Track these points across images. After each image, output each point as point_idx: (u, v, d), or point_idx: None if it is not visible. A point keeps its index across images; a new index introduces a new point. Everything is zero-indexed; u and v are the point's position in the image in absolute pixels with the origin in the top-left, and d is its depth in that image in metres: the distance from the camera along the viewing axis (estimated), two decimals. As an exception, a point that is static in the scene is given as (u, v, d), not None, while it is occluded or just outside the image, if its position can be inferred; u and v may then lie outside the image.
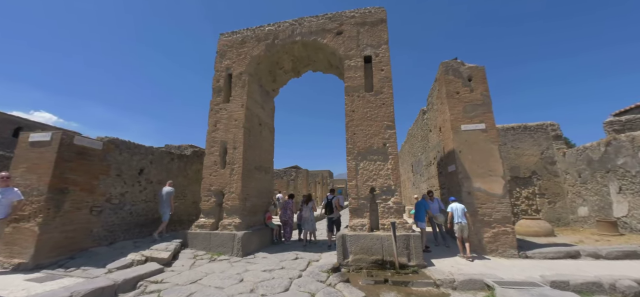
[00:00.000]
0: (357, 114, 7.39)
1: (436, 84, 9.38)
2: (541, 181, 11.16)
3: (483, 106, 7.88)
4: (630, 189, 8.53)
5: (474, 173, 7.34)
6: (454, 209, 6.75)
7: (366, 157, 7.05)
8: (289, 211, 9.58)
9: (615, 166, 9.00)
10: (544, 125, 11.60)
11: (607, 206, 9.25)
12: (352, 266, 5.92)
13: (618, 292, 4.46)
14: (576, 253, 6.27)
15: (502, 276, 4.96)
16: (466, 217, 6.59)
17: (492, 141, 7.55)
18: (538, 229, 8.52)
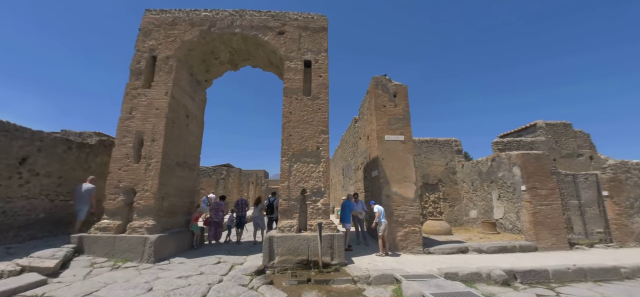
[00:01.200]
0: (294, 116, 7.45)
1: (367, 96, 10.15)
2: (445, 187, 13.17)
3: (404, 120, 8.87)
4: (506, 197, 10.76)
5: (392, 179, 8.19)
6: (380, 210, 7.39)
7: (300, 159, 7.16)
8: (220, 212, 9.21)
9: (497, 177, 11.23)
10: (449, 141, 13.74)
11: (490, 209, 11.48)
12: (278, 267, 5.92)
13: (492, 280, 5.56)
14: (465, 249, 7.61)
15: (408, 270, 5.66)
16: (385, 218, 7.32)
17: (409, 151, 8.56)
18: (440, 228, 10.01)
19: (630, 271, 6.02)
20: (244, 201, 9.88)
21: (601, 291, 5.17)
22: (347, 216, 8.25)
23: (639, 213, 8.84)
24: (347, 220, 8.17)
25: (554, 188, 8.72)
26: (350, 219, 8.33)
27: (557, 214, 8.45)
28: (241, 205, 9.65)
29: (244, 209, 9.69)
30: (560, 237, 8.23)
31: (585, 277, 5.85)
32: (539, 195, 8.53)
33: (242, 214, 9.60)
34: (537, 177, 8.75)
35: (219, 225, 9.18)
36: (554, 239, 8.17)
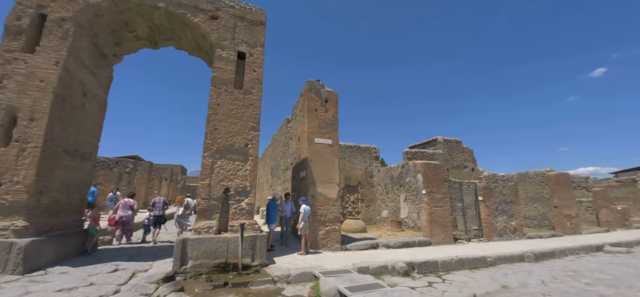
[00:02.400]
0: (222, 109, 7.00)
1: (301, 98, 10.33)
2: (363, 189, 14.45)
3: (332, 125, 9.37)
4: (410, 199, 12.46)
5: (318, 180, 8.55)
6: (305, 209, 7.57)
7: (225, 155, 6.77)
8: (130, 211, 8.45)
9: (404, 182, 12.91)
10: (369, 148, 15.15)
11: (398, 210, 13.11)
12: (191, 272, 5.47)
13: (395, 271, 6.37)
14: (376, 245, 8.52)
15: (326, 266, 6.01)
16: (309, 218, 7.57)
17: (335, 155, 9.09)
18: (356, 226, 10.93)
19: (493, 259, 7.76)
20: (162, 199, 9.49)
21: (473, 276, 6.51)
22: (272, 216, 8.22)
23: (501, 214, 11.48)
24: (272, 221, 8.14)
25: (446, 193, 10.56)
26: (277, 219, 8.32)
27: (447, 214, 10.26)
28: (159, 204, 9.29)
29: (162, 208, 9.33)
30: (448, 234, 10.03)
31: (464, 265, 7.27)
32: (434, 198, 10.21)
33: (160, 214, 9.24)
34: (434, 183, 10.45)
35: (128, 225, 8.26)
36: (443, 235, 9.90)
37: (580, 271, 6.97)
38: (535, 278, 6.25)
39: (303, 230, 7.40)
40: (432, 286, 5.58)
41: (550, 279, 6.24)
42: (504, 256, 7.92)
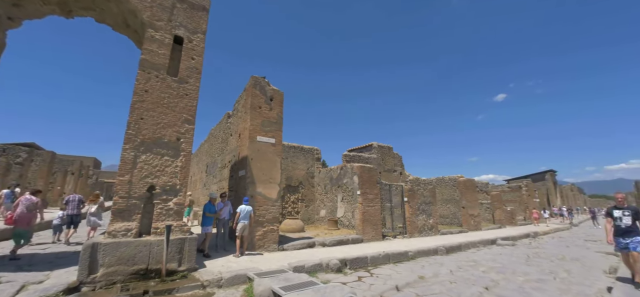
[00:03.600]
0: (151, 97, 6.25)
1: (244, 94, 9.93)
2: (304, 189, 14.67)
3: (277, 124, 9.27)
4: (347, 199, 13.14)
5: (259, 179, 8.36)
6: (242, 209, 7.27)
7: (152, 149, 6.07)
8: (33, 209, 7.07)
9: (342, 183, 13.56)
10: (312, 149, 15.47)
11: (335, 209, 13.69)
12: (102, 282, 4.74)
13: (329, 268, 6.64)
14: (313, 243, 8.75)
15: (262, 267, 5.92)
16: (250, 218, 7.29)
17: (278, 154, 9.01)
18: (295, 226, 11.03)
19: (414, 253, 8.72)
20: (78, 197, 8.85)
21: (397, 269, 7.21)
22: (207, 218, 7.68)
23: (422, 213, 12.98)
24: (207, 223, 7.58)
25: (377, 194, 11.47)
26: (213, 221, 7.78)
27: (377, 214, 11.15)
28: (74, 202, 8.63)
29: (77, 206, 8.65)
30: (378, 231, 10.91)
31: (389, 260, 8.00)
32: (367, 198, 10.99)
33: (74, 213, 8.54)
34: (368, 184, 11.25)
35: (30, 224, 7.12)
36: (374, 233, 10.72)
37: (479, 261, 8.37)
38: (445, 269, 7.26)
39: (240, 231, 7.14)
40: (361, 280, 6.00)
41: (456, 268, 7.33)
42: (422, 250, 8.99)
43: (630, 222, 5.54)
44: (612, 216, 5.88)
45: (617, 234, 5.71)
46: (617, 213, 5.75)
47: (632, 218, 5.56)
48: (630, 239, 5.48)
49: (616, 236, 5.73)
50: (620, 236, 5.64)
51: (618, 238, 5.69)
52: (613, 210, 5.90)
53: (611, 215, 5.91)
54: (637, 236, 5.45)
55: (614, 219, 5.81)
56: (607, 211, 6.15)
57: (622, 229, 5.61)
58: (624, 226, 5.58)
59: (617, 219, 5.71)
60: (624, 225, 5.58)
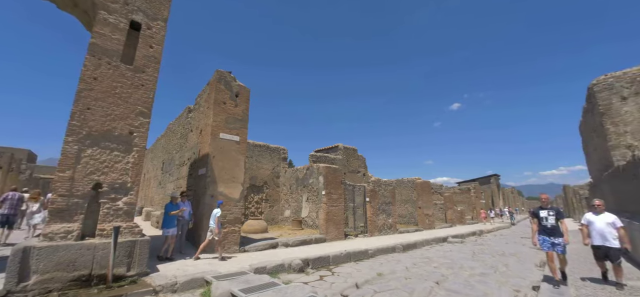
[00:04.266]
0: (101, 85, 5.69)
1: (208, 88, 9.49)
2: (269, 189, 14.46)
3: (242, 122, 9.02)
4: (312, 199, 13.25)
5: (220, 178, 8.06)
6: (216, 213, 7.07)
7: (100, 143, 5.53)
8: None
9: (308, 183, 13.64)
10: (278, 149, 15.32)
11: (300, 209, 13.72)
12: (35, 290, 4.20)
13: (292, 269, 6.64)
14: (276, 244, 8.68)
15: (221, 270, 5.72)
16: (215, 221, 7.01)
17: (242, 153, 8.77)
18: (258, 227, 10.84)
19: (373, 251, 9.08)
20: (17, 194, 8.22)
21: (357, 267, 7.46)
22: (169, 219, 7.17)
23: (382, 213, 13.56)
24: (169, 225, 7.04)
25: (341, 194, 11.74)
26: (175, 222, 7.23)
27: (341, 213, 11.41)
28: (12, 200, 8.02)
29: (15, 206, 8.07)
30: (340, 231, 11.17)
31: (351, 258, 8.24)
32: (332, 198, 11.20)
33: (11, 213, 7.98)
34: (333, 185, 11.46)
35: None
36: (336, 232, 10.96)
37: (431, 258, 9.00)
38: (401, 265, 7.69)
39: (212, 233, 6.97)
40: (323, 279, 6.11)
41: (412, 265, 7.81)
42: (381, 249, 9.41)
43: (555, 222, 5.74)
44: (537, 216, 5.97)
45: (542, 233, 5.86)
46: (542, 213, 5.88)
47: (555, 218, 5.75)
48: (555, 239, 5.65)
49: (541, 235, 5.87)
50: (546, 235, 5.78)
51: (543, 237, 5.82)
52: (539, 211, 5.98)
53: (537, 216, 5.99)
54: (560, 236, 5.64)
55: (539, 220, 5.91)
56: (533, 211, 6.14)
57: (548, 229, 5.76)
58: (549, 226, 5.74)
59: (543, 219, 5.84)
60: (549, 225, 5.75)
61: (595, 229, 5.77)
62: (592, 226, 5.83)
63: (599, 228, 5.70)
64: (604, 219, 5.70)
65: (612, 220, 5.62)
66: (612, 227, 5.58)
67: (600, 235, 5.65)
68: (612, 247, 5.48)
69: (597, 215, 5.85)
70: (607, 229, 5.60)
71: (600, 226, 5.70)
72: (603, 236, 5.61)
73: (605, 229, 5.61)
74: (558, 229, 5.68)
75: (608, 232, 5.56)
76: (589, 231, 5.87)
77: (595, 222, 5.79)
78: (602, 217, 5.75)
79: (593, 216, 5.89)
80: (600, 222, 5.72)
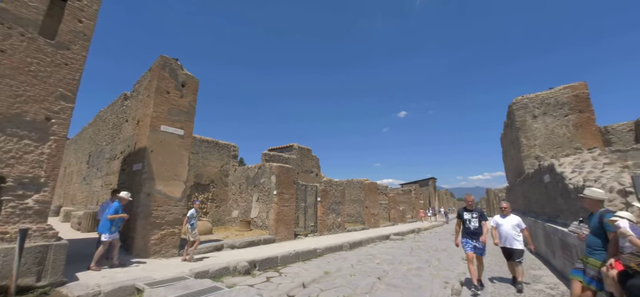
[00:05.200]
0: (10, 60, 4.73)
1: (150, 74, 8.58)
2: (216, 188, 13.72)
3: (188, 114, 8.38)
4: (263, 199, 12.95)
5: (159, 175, 7.38)
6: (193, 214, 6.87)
7: (6, 128, 4.59)
8: None
9: (259, 182, 13.30)
10: (229, 145, 14.63)
11: (249, 210, 13.30)
12: None
13: (237, 271, 6.39)
14: (221, 246, 8.27)
15: (156, 276, 5.23)
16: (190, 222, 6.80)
17: (186, 148, 8.15)
18: (202, 228, 10.16)
19: (322, 250, 9.26)
20: None
21: (305, 266, 7.52)
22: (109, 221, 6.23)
23: (332, 212, 13.93)
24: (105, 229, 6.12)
25: (293, 194, 11.74)
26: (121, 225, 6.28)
27: (292, 213, 11.40)
28: None
29: None
30: (290, 231, 11.16)
31: (299, 258, 8.27)
32: (283, 198, 11.12)
33: None
34: (285, 185, 11.39)
35: None
36: (286, 232, 10.91)
37: (375, 254, 9.55)
38: (348, 263, 8.00)
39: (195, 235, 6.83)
40: (269, 281, 6.02)
41: (357, 262, 8.18)
42: (330, 247, 9.66)
43: (478, 225, 5.62)
44: (462, 217, 5.84)
45: (466, 235, 5.76)
46: (466, 215, 5.76)
47: (479, 220, 5.64)
48: (477, 242, 5.57)
49: (464, 237, 5.78)
50: (469, 237, 5.68)
51: (466, 239, 5.72)
52: (463, 212, 5.86)
53: (461, 217, 5.86)
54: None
55: (463, 221, 5.80)
56: (458, 212, 6.00)
57: (471, 230, 5.65)
58: (473, 228, 5.63)
59: (467, 221, 5.73)
60: (473, 227, 5.63)
61: (501, 231, 5.84)
62: (500, 229, 5.88)
63: (504, 231, 5.78)
64: (510, 221, 5.80)
65: (517, 222, 5.74)
66: (516, 229, 5.69)
67: (506, 237, 5.73)
68: (516, 249, 5.60)
69: (504, 218, 5.92)
70: (511, 231, 5.69)
71: (506, 229, 5.77)
72: (508, 237, 5.70)
73: (510, 232, 5.70)
74: (481, 232, 5.60)
75: (512, 234, 5.66)
76: (498, 232, 5.91)
77: (502, 225, 5.86)
78: (508, 220, 5.83)
79: (500, 219, 5.97)
80: (507, 224, 5.79)
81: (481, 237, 5.52)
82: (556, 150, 11.89)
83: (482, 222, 5.63)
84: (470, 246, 5.61)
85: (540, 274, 6.81)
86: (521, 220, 5.79)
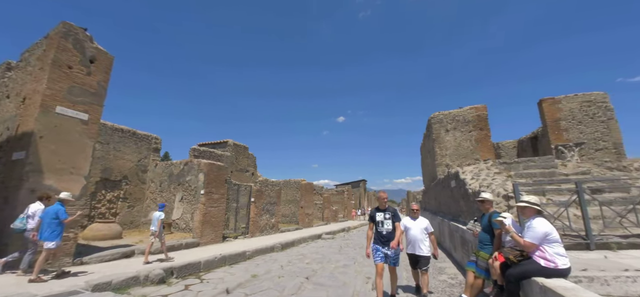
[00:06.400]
0: None
1: (45, 42, 6.93)
2: (129, 185, 11.94)
3: (95, 96, 7.10)
4: (187, 199, 11.81)
5: (50, 168, 6.03)
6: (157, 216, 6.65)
7: None
8: None
9: (185, 180, 12.09)
10: (149, 137, 12.92)
11: (171, 211, 11.98)
12: None
13: (149, 281, 5.63)
14: (131, 252, 7.19)
15: (34, 290, 4.21)
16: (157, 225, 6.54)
17: (90, 136, 6.87)
18: (107, 232, 8.72)
19: (252, 252, 8.91)
20: None
21: (231, 271, 7.11)
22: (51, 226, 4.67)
23: (266, 213, 13.58)
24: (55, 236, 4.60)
25: (224, 194, 11.04)
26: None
27: (221, 215, 10.69)
28: None
29: None
30: (218, 233, 10.45)
31: (226, 262, 7.78)
32: (212, 198, 10.36)
33: None
34: (215, 184, 10.62)
35: None
36: (213, 235, 10.18)
37: (306, 254, 9.66)
38: (277, 265, 7.88)
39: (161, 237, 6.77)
40: (188, 289, 5.48)
41: (287, 263, 8.13)
42: (260, 249, 9.38)
43: (391, 228, 4.55)
44: (374, 220, 4.71)
45: (377, 241, 4.60)
46: (379, 216, 4.64)
47: (392, 222, 4.58)
48: (389, 249, 4.48)
49: (376, 244, 4.61)
50: (381, 243, 4.54)
51: (377, 245, 4.57)
52: (375, 213, 4.72)
53: (373, 219, 4.72)
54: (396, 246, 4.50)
55: (375, 224, 4.67)
56: (369, 214, 4.88)
57: (383, 236, 4.55)
58: (385, 232, 4.54)
59: (379, 224, 4.61)
60: (385, 231, 4.54)
61: (410, 235, 5.01)
62: (408, 233, 5.03)
63: (413, 235, 4.97)
64: (419, 224, 5.01)
65: (425, 225, 4.99)
66: (425, 233, 4.96)
67: (414, 241, 4.94)
68: (423, 256, 4.86)
69: (414, 220, 5.09)
70: (420, 236, 4.93)
71: (414, 233, 4.97)
72: (416, 242, 4.92)
73: (418, 236, 4.93)
74: (393, 236, 4.52)
75: (420, 239, 4.91)
76: (406, 237, 5.07)
77: (411, 229, 5.01)
78: (418, 223, 5.03)
79: (410, 221, 5.10)
80: (416, 228, 4.98)
81: (391, 242, 4.45)
82: (462, 160, 14.03)
83: (395, 224, 4.60)
84: (381, 255, 4.49)
85: (444, 266, 7.88)
86: (429, 223, 5.08)
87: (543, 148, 13.91)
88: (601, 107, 12.79)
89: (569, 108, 13.05)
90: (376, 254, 4.56)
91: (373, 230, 4.75)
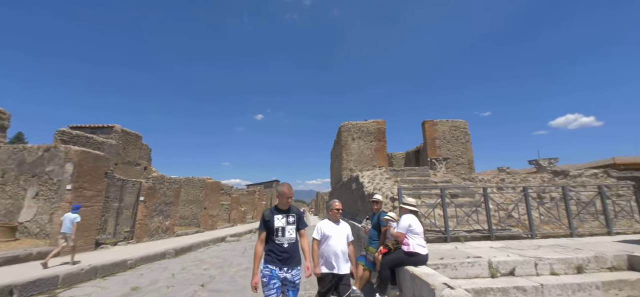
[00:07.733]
0: None
1: None
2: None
3: None
4: (46, 195, 9.14)
5: None
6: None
7: None
8: None
9: (43, 171, 9.33)
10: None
11: (17, 210, 9.04)
12: None
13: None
14: None
15: None
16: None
17: None
18: None
19: (135, 261, 7.56)
20: None
21: (104, 284, 5.84)
22: None
23: (159, 214, 11.82)
24: None
25: (101, 190, 9.04)
26: None
27: (95, 216, 8.70)
28: None
29: None
30: (89, 239, 8.46)
31: (97, 274, 6.35)
32: (83, 196, 8.32)
33: None
34: (89, 177, 8.58)
35: None
36: (82, 241, 8.17)
37: (204, 259, 8.85)
38: (168, 273, 6.93)
39: None
40: (30, 314, 4.19)
41: (180, 270, 7.25)
42: (146, 256, 8.08)
43: (294, 238, 3.06)
44: (269, 227, 3.04)
45: (275, 259, 2.96)
46: (278, 221, 3.02)
47: (296, 228, 3.10)
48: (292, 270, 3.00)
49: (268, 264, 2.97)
50: (279, 262, 2.96)
51: (272, 268, 2.93)
52: (272, 216, 3.06)
53: (268, 226, 3.04)
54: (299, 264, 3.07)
55: (271, 234, 3.01)
56: (262, 218, 3.11)
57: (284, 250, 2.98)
58: (287, 244, 2.99)
59: (278, 232, 2.99)
60: (287, 242, 3.00)
61: (328, 246, 3.47)
62: (327, 243, 3.48)
63: (333, 246, 3.45)
64: (342, 230, 3.60)
65: (348, 233, 3.64)
66: (346, 241, 3.57)
67: (334, 255, 3.43)
68: (345, 274, 3.48)
69: (337, 225, 3.61)
70: (343, 247, 3.51)
71: (335, 243, 3.47)
72: (337, 257, 3.44)
73: (340, 248, 3.48)
74: (298, 252, 3.10)
75: (343, 251, 3.50)
76: (321, 249, 3.50)
77: (331, 236, 3.49)
78: (340, 229, 3.60)
79: (330, 226, 3.58)
80: (338, 235, 3.52)
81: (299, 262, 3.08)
82: (363, 165, 15.71)
83: (300, 231, 3.17)
84: (277, 285, 2.91)
85: (342, 262, 8.59)
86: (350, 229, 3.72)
87: (423, 160, 17.02)
88: (463, 131, 16.59)
89: (441, 130, 16.41)
90: (270, 283, 2.88)
91: (265, 244, 3.04)
